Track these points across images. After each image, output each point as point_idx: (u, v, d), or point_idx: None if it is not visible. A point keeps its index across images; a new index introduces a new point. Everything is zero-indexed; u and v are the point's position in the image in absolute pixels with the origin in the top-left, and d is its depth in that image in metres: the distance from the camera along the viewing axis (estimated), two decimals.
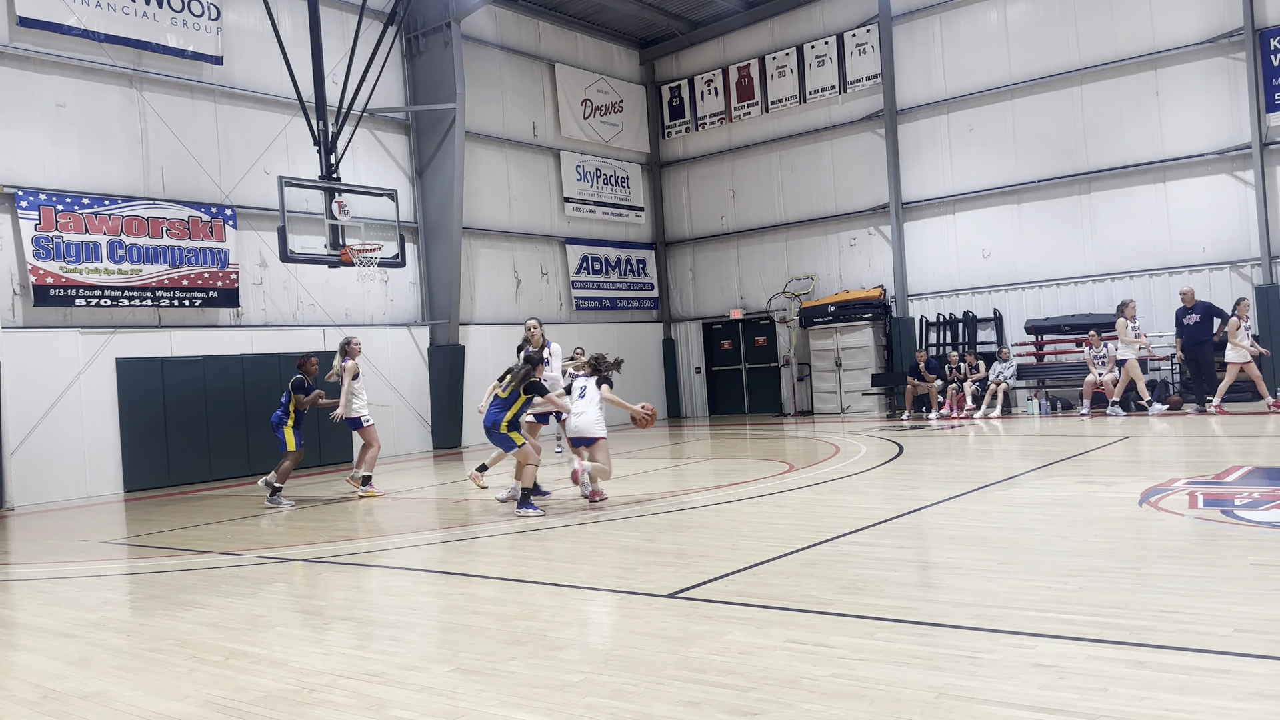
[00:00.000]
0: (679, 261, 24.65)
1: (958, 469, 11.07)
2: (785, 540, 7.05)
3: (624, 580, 6.20)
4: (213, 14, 16.00)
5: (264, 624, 5.73)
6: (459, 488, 12.34)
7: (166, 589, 7.02)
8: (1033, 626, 4.53)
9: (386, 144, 18.84)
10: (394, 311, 18.72)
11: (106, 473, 14.36)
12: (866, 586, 5.53)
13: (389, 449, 18.00)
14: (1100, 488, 8.61)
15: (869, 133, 21.19)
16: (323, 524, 10.05)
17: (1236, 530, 6.42)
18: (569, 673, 4.32)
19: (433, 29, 18.82)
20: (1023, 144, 19.18)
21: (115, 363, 14.47)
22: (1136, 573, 5.41)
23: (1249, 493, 7.78)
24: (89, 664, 5.09)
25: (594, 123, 22.90)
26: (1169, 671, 3.81)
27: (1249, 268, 16.93)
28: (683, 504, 9.24)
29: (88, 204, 14.33)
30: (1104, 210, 18.34)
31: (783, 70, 22.29)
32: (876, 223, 21.21)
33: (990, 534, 7.10)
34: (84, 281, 14.22)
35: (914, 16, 20.39)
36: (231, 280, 15.94)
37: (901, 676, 3.95)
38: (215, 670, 4.77)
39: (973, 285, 19.85)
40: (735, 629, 4.83)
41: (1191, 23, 17.30)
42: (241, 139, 16.42)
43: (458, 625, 5.43)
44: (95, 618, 6.20)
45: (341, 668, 4.66)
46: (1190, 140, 17.40)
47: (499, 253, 20.76)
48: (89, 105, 14.66)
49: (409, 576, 7.04)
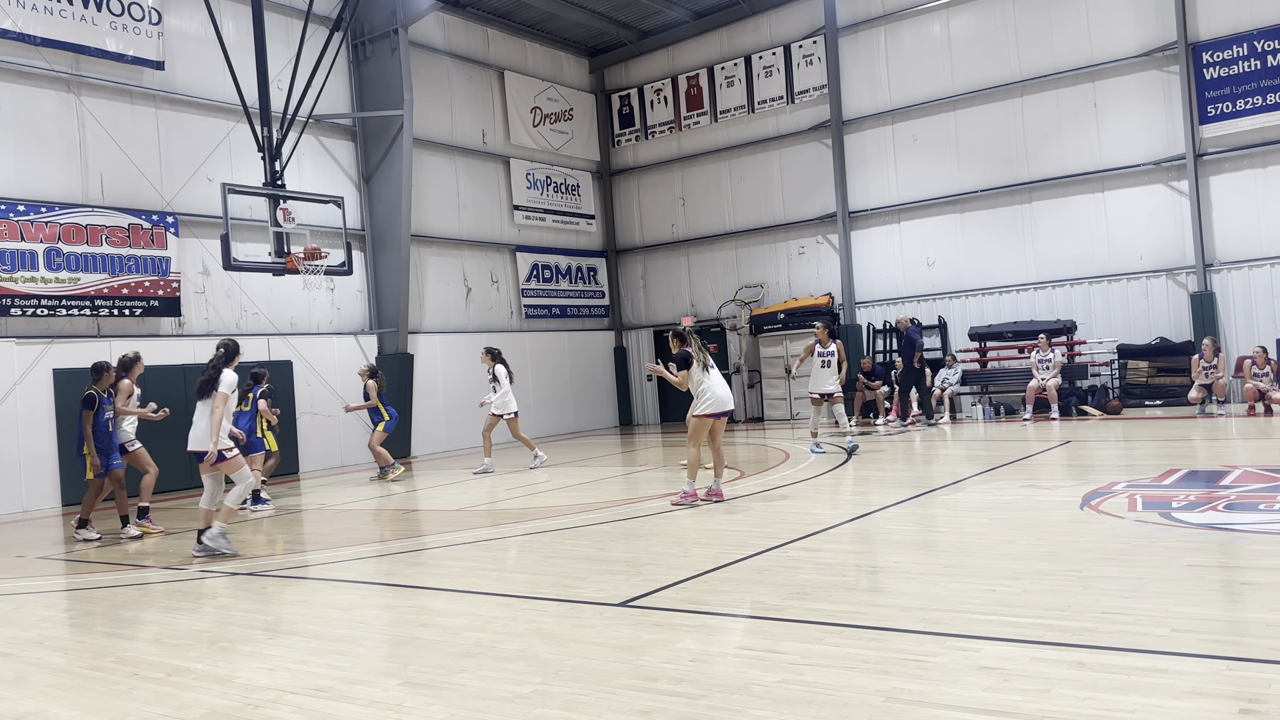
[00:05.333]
0: (630, 269, 24.69)
1: (904, 474, 11.21)
2: (736, 547, 7.08)
3: (575, 589, 6.18)
4: (154, 18, 15.71)
5: (207, 639, 5.61)
6: (408, 498, 12.21)
7: (105, 605, 6.85)
8: (978, 629, 4.61)
9: (333, 150, 18.62)
10: (341, 320, 18.49)
11: (43, 487, 13.98)
12: (815, 592, 5.58)
13: (336, 459, 17.79)
14: (1043, 491, 8.78)
15: (816, 143, 21.42)
16: (266, 536, 9.89)
17: (1174, 532, 6.59)
18: (520, 684, 4.30)
19: (380, 35, 18.66)
20: (965, 154, 19.52)
21: (52, 373, 14.10)
22: (1078, 575, 5.52)
23: (1185, 495, 7.98)
24: (25, 683, 4.94)
25: (544, 130, 22.87)
26: (1109, 672, 3.89)
27: (1184, 275, 17.39)
28: (634, 512, 9.24)
29: (23, 211, 13.96)
30: (1045, 219, 18.73)
31: (731, 80, 22.46)
32: (824, 231, 21.44)
33: (936, 538, 7.21)
34: (19, 290, 13.85)
35: (859, 28, 20.67)
36: (173, 289, 15.63)
37: (850, 681, 4.00)
38: (157, 688, 4.67)
39: (918, 293, 20.15)
40: (686, 637, 4.84)
41: (1127, 36, 17.76)
42: (184, 145, 16.12)
43: (406, 638, 5.37)
44: (31, 635, 6.03)
45: (287, 683, 4.58)
46: (1127, 151, 17.85)
47: (448, 260, 20.62)
48: (24, 110, 14.29)
49: (356, 589, 6.95)
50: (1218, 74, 16.90)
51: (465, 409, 20.00)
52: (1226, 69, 16.83)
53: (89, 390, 9.94)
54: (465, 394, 19.98)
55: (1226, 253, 17.02)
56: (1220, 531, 6.53)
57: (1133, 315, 17.85)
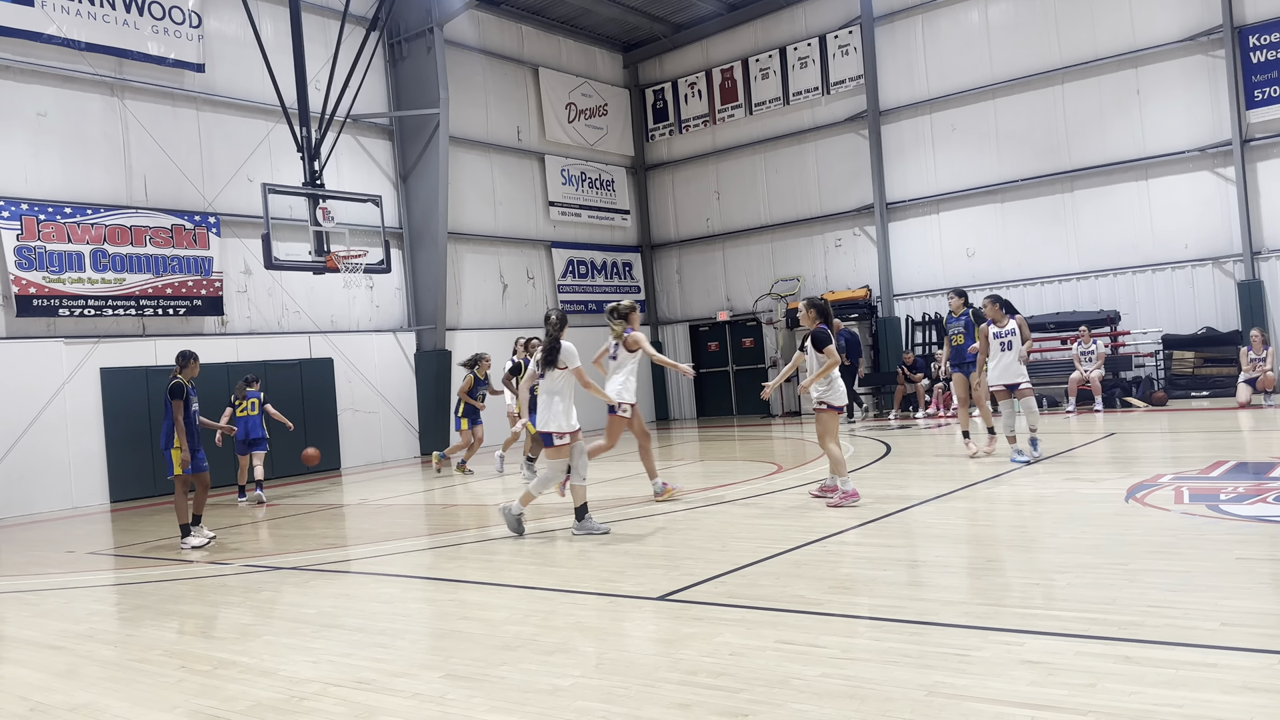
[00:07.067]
0: (665, 264, 24.67)
1: (945, 468, 11.10)
2: (774, 541, 7.06)
3: (613, 584, 6.19)
4: (194, 21, 15.93)
5: (252, 633, 5.70)
6: (446, 493, 12.30)
7: (154, 599, 6.97)
8: (1021, 623, 4.55)
9: (370, 150, 18.79)
10: (380, 318, 18.66)
11: (92, 483, 14.27)
12: (856, 586, 5.54)
13: (376, 454, 17.97)
14: (1087, 484, 8.66)
15: (852, 134, 21.26)
16: (309, 532, 10.01)
17: (1222, 525, 6.46)
18: (559, 677, 4.31)
19: (415, 34, 18.79)
20: (1005, 143, 19.27)
21: (100, 372, 14.38)
22: (1124, 568, 5.44)
23: (1234, 487, 7.83)
24: (76, 675, 5.05)
25: (578, 126, 22.90)
26: (1157, 666, 3.83)
27: (1231, 263, 17.05)
28: (671, 506, 9.24)
29: (70, 213, 14.24)
30: (1087, 208, 18.45)
31: (766, 72, 22.34)
32: (861, 223, 21.27)
33: (978, 532, 7.13)
34: (67, 291, 14.13)
35: (896, 17, 20.47)
36: (216, 288, 15.86)
37: (892, 675, 3.96)
38: (204, 680, 4.74)
39: (958, 284, 19.90)
40: (725, 630, 4.83)
41: (1171, 21, 17.43)
42: (224, 146, 16.35)
43: (447, 631, 5.41)
44: (82, 629, 6.15)
45: (331, 675, 4.64)
46: (1171, 138, 17.52)
47: (485, 257, 20.73)
48: (70, 114, 14.58)
49: (397, 583, 7.01)
50: (1265, 57, 16.53)
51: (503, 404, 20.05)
52: (1274, 52, 16.45)
53: (174, 379, 9.27)
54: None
55: (1275, 240, 16.66)
56: (1270, 524, 6.39)
57: (1178, 305, 17.53)
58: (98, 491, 14.31)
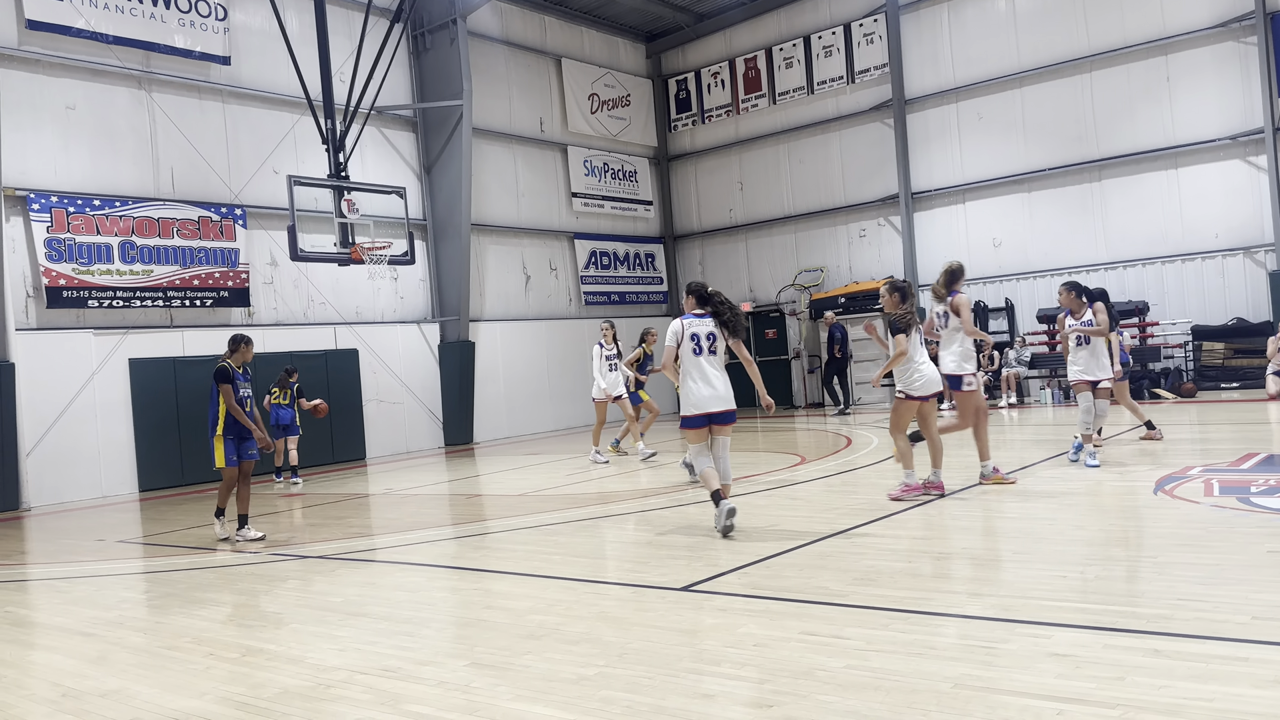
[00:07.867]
0: (688, 255, 24.62)
1: (970, 459, 11.02)
2: (798, 532, 7.04)
3: (637, 574, 6.20)
4: (220, 14, 16.03)
5: (280, 621, 5.75)
6: (470, 483, 12.35)
7: (182, 587, 7.05)
8: (1049, 616, 4.51)
9: (394, 141, 18.85)
10: (404, 309, 18.75)
11: (121, 473, 14.44)
12: (880, 578, 5.52)
13: (401, 444, 18.08)
14: (1115, 476, 8.58)
15: (877, 123, 21.10)
16: (336, 521, 10.09)
17: (1252, 517, 6.39)
18: (584, 666, 4.32)
19: (438, 26, 18.81)
20: (1032, 132, 19.08)
21: (128, 363, 14.54)
22: (1153, 561, 5.39)
23: (1264, 480, 7.73)
24: (107, 662, 5.11)
25: (601, 117, 22.87)
26: (1186, 660, 3.79)
27: (1263, 253, 16.81)
28: (695, 497, 9.23)
29: (99, 205, 14.38)
30: (1115, 197, 18.24)
31: (790, 61, 22.21)
32: (886, 213, 21.14)
33: (1005, 524, 7.08)
34: (96, 283, 14.28)
35: (921, 5, 20.29)
36: (242, 280, 15.99)
37: (917, 667, 3.94)
38: (232, 667, 4.79)
39: (984, 275, 19.76)
40: (749, 621, 4.83)
41: (1201, 7, 17.17)
42: (250, 139, 16.45)
43: (472, 620, 5.44)
44: (112, 616, 6.23)
45: (357, 663, 4.67)
46: (1202, 126, 17.28)
47: (508, 249, 20.77)
48: (98, 107, 14.71)
49: (423, 572, 7.06)
50: None
51: (526, 395, 20.22)
52: None
53: (223, 363, 8.77)
54: (525, 381, 20.20)
55: None
56: None
57: (1208, 295, 17.31)
58: (127, 481, 14.48)
